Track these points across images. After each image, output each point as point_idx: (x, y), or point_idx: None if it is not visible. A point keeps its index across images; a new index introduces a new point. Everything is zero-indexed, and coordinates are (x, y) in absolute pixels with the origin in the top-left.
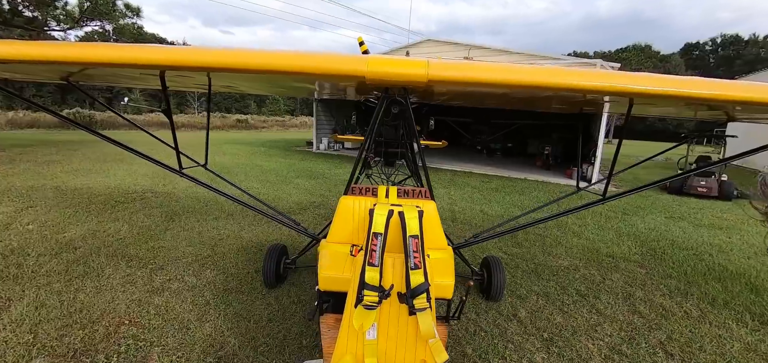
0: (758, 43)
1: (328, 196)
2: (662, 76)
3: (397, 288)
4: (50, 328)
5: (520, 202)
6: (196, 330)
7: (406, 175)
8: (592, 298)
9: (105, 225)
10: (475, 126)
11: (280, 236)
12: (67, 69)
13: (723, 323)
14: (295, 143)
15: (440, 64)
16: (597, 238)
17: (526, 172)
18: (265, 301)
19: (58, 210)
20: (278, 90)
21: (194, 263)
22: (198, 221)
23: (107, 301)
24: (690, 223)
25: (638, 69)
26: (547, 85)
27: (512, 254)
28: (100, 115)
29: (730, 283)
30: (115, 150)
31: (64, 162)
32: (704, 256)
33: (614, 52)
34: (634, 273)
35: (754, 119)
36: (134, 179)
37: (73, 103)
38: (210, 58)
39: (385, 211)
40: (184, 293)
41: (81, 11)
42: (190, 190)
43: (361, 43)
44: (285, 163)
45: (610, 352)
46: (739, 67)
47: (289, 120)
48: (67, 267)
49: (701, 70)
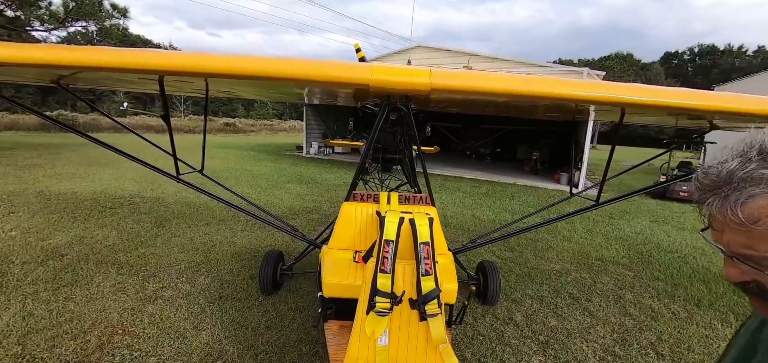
0: (733, 53)
1: (320, 201)
2: (654, 87)
3: (408, 294)
4: (39, 338)
5: (510, 206)
6: (193, 338)
7: (399, 181)
8: (585, 300)
9: (92, 231)
10: (465, 131)
11: (274, 242)
12: (61, 72)
13: (709, 324)
14: (284, 148)
15: (443, 74)
16: (586, 242)
17: (515, 176)
18: (262, 308)
19: (42, 216)
20: (275, 95)
21: (187, 270)
22: (189, 227)
23: (98, 309)
24: (673, 227)
25: (621, 76)
26: (547, 96)
27: (505, 258)
28: (83, 117)
29: (714, 285)
30: (100, 153)
31: (47, 166)
32: (688, 259)
33: (597, 60)
34: (623, 276)
35: (734, 127)
36: (121, 184)
37: (55, 105)
38: (215, 65)
39: (396, 218)
40: (179, 301)
41: (66, 11)
42: (180, 195)
43: (357, 50)
44: (275, 167)
45: (604, 354)
46: (716, 76)
47: (278, 124)
48: (54, 275)
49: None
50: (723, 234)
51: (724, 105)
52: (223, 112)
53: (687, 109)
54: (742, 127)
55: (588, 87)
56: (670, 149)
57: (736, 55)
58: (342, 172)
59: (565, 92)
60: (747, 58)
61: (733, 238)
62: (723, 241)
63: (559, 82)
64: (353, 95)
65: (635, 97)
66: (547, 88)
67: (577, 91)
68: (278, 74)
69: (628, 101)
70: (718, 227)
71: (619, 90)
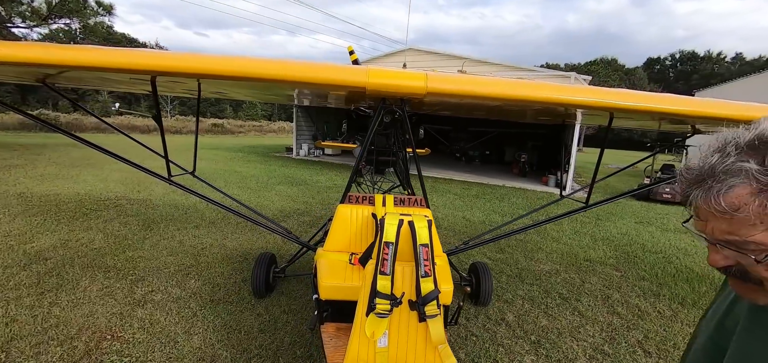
0: (712, 59)
1: (311, 203)
2: (643, 93)
3: (408, 296)
4: (24, 345)
5: (500, 208)
6: (185, 343)
7: (391, 183)
8: (574, 300)
9: (77, 234)
10: (454, 134)
11: (265, 244)
12: (49, 71)
13: (693, 322)
14: (273, 149)
15: (439, 77)
16: (574, 243)
17: (504, 179)
18: (255, 312)
19: (23, 218)
20: (266, 97)
21: (177, 273)
22: (178, 230)
23: (85, 314)
24: (657, 228)
25: (606, 81)
26: (542, 100)
27: (496, 259)
28: (66, 117)
29: (697, 285)
30: (83, 154)
31: (28, 167)
32: (672, 259)
33: (584, 65)
34: (611, 276)
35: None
36: (106, 185)
37: (35, 105)
38: (210, 66)
39: (395, 220)
40: (169, 305)
41: (49, 8)
42: (168, 197)
43: (351, 52)
44: (265, 169)
45: (594, 353)
46: (696, 81)
47: (266, 125)
48: (38, 279)
49: (662, 84)
50: (707, 223)
51: (708, 111)
52: (211, 112)
53: (674, 114)
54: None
55: (581, 92)
56: (654, 153)
57: (715, 62)
58: (333, 174)
59: (560, 97)
60: (725, 64)
61: (716, 226)
62: (707, 230)
63: (554, 87)
64: (348, 98)
65: (626, 103)
66: (542, 93)
67: (571, 96)
68: (275, 76)
69: (619, 106)
70: (703, 217)
71: (611, 95)
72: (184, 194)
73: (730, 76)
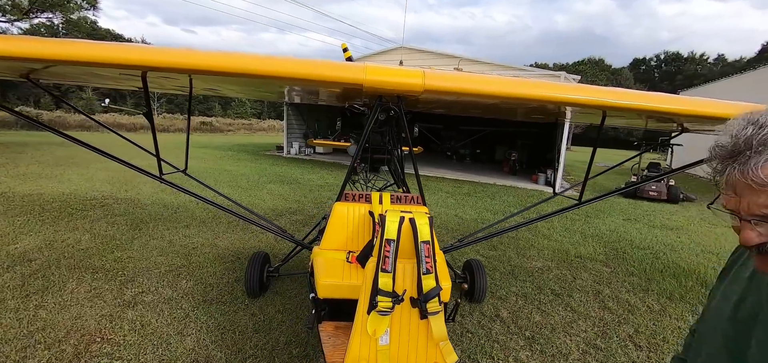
0: (696, 60)
1: (303, 202)
2: (635, 92)
3: (409, 293)
4: (9, 349)
5: (492, 206)
6: (178, 345)
7: (384, 181)
8: (566, 296)
9: (62, 235)
10: (445, 132)
11: (258, 243)
12: (34, 65)
13: (681, 316)
14: (264, 147)
15: (436, 75)
16: (565, 240)
17: (494, 177)
18: (249, 311)
19: (5, 219)
20: (257, 93)
21: (168, 274)
22: (168, 229)
23: (73, 317)
24: (645, 225)
25: (593, 80)
26: (538, 98)
27: (489, 257)
28: (48, 114)
29: (684, 279)
30: (67, 153)
31: (9, 165)
32: (660, 255)
33: (572, 65)
34: (601, 272)
35: (701, 130)
36: (92, 184)
37: (16, 101)
38: (203, 62)
39: (396, 217)
40: (161, 306)
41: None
42: (157, 196)
43: (344, 50)
44: (255, 167)
45: (587, 347)
46: (680, 82)
47: (256, 123)
48: (22, 281)
49: (647, 84)
50: (742, 199)
51: (698, 109)
52: (200, 110)
53: (665, 112)
54: (708, 129)
55: (578, 91)
56: (641, 151)
57: (698, 63)
58: (325, 172)
59: (558, 96)
60: (708, 65)
61: (752, 201)
62: (742, 205)
63: (552, 85)
64: (343, 95)
65: (621, 101)
66: (540, 91)
67: (568, 94)
68: (272, 73)
69: (613, 104)
70: (739, 192)
71: (606, 94)
72: (173, 193)
73: (712, 76)
